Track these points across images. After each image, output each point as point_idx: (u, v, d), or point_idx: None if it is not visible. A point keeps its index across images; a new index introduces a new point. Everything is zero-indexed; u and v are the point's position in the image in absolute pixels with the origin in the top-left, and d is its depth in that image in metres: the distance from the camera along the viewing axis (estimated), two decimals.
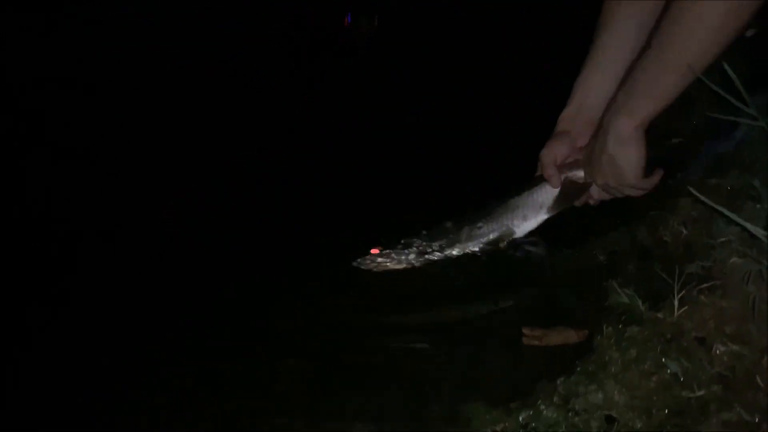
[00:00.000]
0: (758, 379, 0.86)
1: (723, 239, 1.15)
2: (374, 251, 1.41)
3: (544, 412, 0.95)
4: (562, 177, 1.21)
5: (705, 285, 1.07)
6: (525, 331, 1.23)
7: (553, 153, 1.22)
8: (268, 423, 1.06)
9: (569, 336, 1.20)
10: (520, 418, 0.94)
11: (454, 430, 0.95)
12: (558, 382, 1.00)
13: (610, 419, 0.92)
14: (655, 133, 1.80)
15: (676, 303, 1.05)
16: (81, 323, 1.52)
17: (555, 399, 0.96)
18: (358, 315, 1.38)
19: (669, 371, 0.94)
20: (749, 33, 1.40)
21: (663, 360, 0.96)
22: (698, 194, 1.15)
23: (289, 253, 1.73)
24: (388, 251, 1.43)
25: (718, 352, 0.93)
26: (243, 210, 1.99)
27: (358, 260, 1.45)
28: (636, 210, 1.43)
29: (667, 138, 1.70)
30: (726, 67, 1.13)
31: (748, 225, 1.02)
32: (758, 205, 1.11)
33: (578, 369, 1.01)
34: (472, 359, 1.21)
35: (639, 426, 0.89)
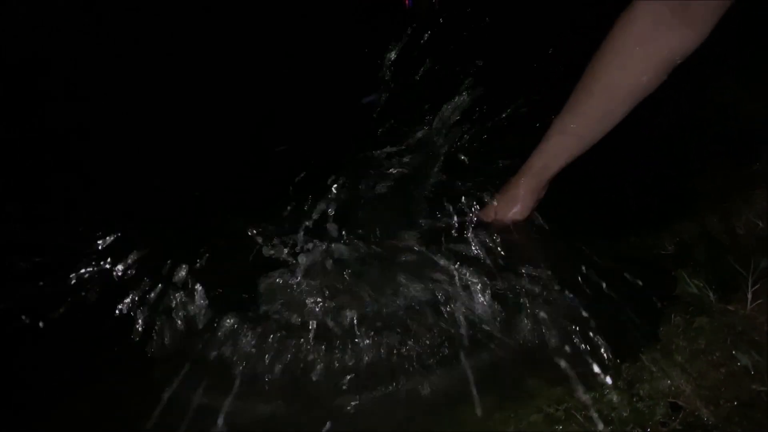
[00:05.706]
0: None
1: None
2: None
3: (608, 395, 0.95)
4: None
5: None
6: None
7: None
8: None
9: None
10: (584, 399, 0.95)
11: (518, 406, 0.96)
12: (622, 367, 1.00)
13: (675, 407, 0.92)
14: (733, 120, 1.74)
15: (749, 296, 1.03)
16: None
17: (619, 383, 0.97)
18: None
19: (739, 363, 0.93)
20: None
21: (733, 352, 0.95)
22: None
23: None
24: None
25: None
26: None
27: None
28: (707, 199, 1.40)
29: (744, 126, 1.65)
30: None
31: None
32: None
33: (643, 356, 1.01)
34: (530, 339, 1.21)
35: (706, 415, 0.89)
